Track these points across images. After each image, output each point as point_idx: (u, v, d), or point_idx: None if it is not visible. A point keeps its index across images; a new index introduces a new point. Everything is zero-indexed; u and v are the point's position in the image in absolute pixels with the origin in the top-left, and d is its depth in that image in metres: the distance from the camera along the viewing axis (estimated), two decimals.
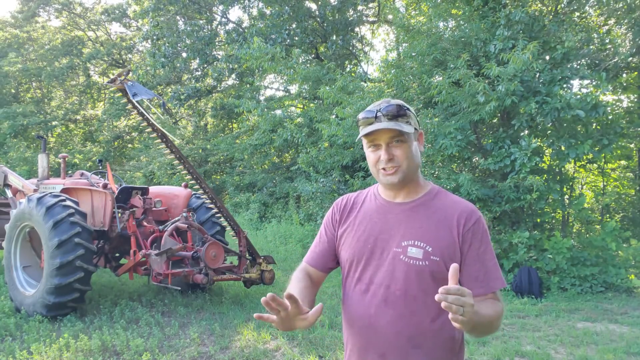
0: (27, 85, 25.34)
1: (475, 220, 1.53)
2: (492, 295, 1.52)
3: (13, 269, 5.91)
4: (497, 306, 1.50)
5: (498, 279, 1.53)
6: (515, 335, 5.16)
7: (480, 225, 1.53)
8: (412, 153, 1.53)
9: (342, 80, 9.56)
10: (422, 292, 1.49)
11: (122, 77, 5.53)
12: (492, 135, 8.14)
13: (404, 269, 1.50)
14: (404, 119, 1.52)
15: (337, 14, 15.07)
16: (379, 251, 1.56)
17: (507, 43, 7.34)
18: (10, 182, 7.60)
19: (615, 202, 10.01)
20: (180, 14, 16.64)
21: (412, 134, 1.54)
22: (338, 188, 10.46)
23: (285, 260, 9.20)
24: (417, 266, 1.49)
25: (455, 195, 1.64)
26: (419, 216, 1.55)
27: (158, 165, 16.94)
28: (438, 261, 1.48)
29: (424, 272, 1.48)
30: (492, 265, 1.53)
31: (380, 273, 1.54)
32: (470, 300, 1.22)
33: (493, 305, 1.48)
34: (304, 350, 4.57)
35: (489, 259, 1.53)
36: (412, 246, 1.50)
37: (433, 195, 1.60)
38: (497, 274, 1.53)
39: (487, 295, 1.51)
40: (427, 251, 1.49)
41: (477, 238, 1.52)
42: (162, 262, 5.37)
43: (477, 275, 1.51)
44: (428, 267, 1.48)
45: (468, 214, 1.54)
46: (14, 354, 4.34)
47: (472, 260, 1.51)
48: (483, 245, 1.53)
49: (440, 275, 1.48)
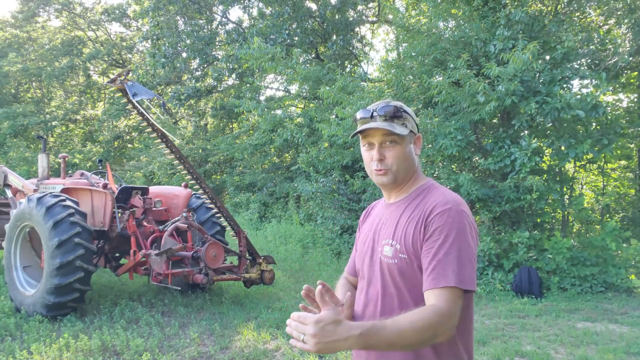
0: (27, 85, 25.35)
1: (442, 211, 1.42)
2: (437, 294, 1.35)
3: (13, 269, 5.91)
4: (425, 311, 1.32)
5: (447, 276, 1.35)
6: (515, 335, 5.16)
7: (444, 217, 1.41)
8: (403, 155, 1.53)
9: (342, 80, 9.56)
10: (397, 290, 1.50)
11: (122, 77, 5.53)
12: (492, 135, 8.14)
13: (381, 267, 1.54)
14: (400, 120, 1.53)
15: (337, 14, 15.07)
16: (371, 251, 1.62)
17: (507, 43, 7.33)
18: (10, 182, 7.61)
19: (615, 202, 10.01)
20: (180, 14, 16.63)
21: (407, 137, 1.54)
22: (338, 188, 10.46)
23: (285, 260, 9.20)
24: (389, 264, 1.51)
25: (446, 191, 1.54)
26: (400, 214, 1.55)
27: (158, 165, 16.94)
28: (405, 259, 1.47)
29: (393, 270, 1.49)
30: (446, 260, 1.37)
31: (370, 272, 1.60)
32: (311, 329, 1.22)
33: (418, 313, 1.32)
34: (304, 350, 4.57)
35: (447, 253, 1.37)
36: (386, 245, 1.53)
37: (419, 192, 1.57)
38: (448, 271, 1.35)
39: (432, 292, 1.36)
40: (396, 249, 1.49)
41: (437, 228, 1.41)
42: (162, 262, 5.37)
43: (427, 268, 1.40)
44: (396, 265, 1.48)
45: (438, 204, 1.45)
46: (14, 354, 4.34)
47: (426, 252, 1.41)
48: (442, 237, 1.39)
49: (409, 274, 1.47)
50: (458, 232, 1.40)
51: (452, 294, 1.35)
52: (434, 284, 1.37)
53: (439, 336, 1.33)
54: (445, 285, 1.35)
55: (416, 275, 1.46)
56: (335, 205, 10.30)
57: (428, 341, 1.33)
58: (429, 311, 1.33)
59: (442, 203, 1.46)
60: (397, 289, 1.50)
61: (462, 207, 1.46)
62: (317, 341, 1.23)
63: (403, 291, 1.49)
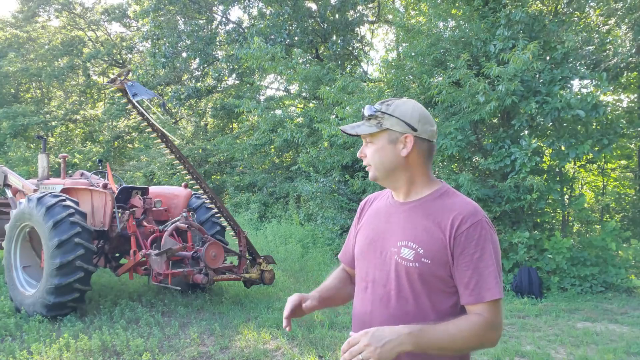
0: (27, 85, 25.34)
1: (472, 224, 1.45)
2: (481, 307, 1.43)
3: (13, 269, 5.90)
4: (473, 321, 1.41)
5: (490, 289, 1.42)
6: (515, 335, 5.16)
7: (478, 229, 1.44)
8: (378, 154, 1.56)
9: (342, 80, 9.56)
10: (413, 293, 1.49)
11: (122, 77, 5.52)
12: (492, 135, 8.14)
13: (397, 269, 1.51)
14: (375, 120, 1.56)
15: (337, 14, 15.07)
16: (380, 250, 1.58)
17: (507, 43, 7.33)
18: (10, 182, 7.60)
19: (615, 202, 10.02)
20: (180, 14, 16.63)
21: (382, 135, 1.55)
22: (338, 188, 10.47)
23: (285, 260, 9.20)
24: (407, 267, 1.48)
25: (462, 196, 1.56)
26: (417, 217, 1.54)
27: (158, 165, 16.94)
28: (429, 264, 1.46)
29: (413, 273, 1.48)
30: (487, 274, 1.43)
31: (379, 271, 1.57)
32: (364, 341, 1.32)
33: (464, 320, 1.41)
34: (304, 350, 4.57)
35: (485, 267, 1.43)
36: (405, 247, 1.50)
37: (437, 196, 1.56)
38: (491, 284, 1.42)
39: (476, 306, 1.43)
40: (419, 253, 1.47)
41: (471, 242, 1.43)
42: (162, 262, 5.37)
43: (468, 283, 1.44)
44: (417, 269, 1.47)
45: (465, 216, 1.46)
46: (14, 354, 4.34)
47: (464, 266, 1.44)
48: (479, 250, 1.43)
49: (430, 279, 1.47)
50: (492, 243, 1.46)
51: (496, 306, 1.44)
52: (479, 298, 1.43)
53: (484, 345, 1.45)
54: (492, 299, 1.42)
55: (437, 281, 1.47)
56: (335, 205, 10.30)
57: (474, 348, 1.46)
58: (477, 321, 1.41)
59: (471, 213, 1.47)
60: (414, 293, 1.48)
61: (486, 216, 1.51)
62: (373, 349, 1.31)
63: (421, 295, 1.48)
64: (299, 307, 1.63)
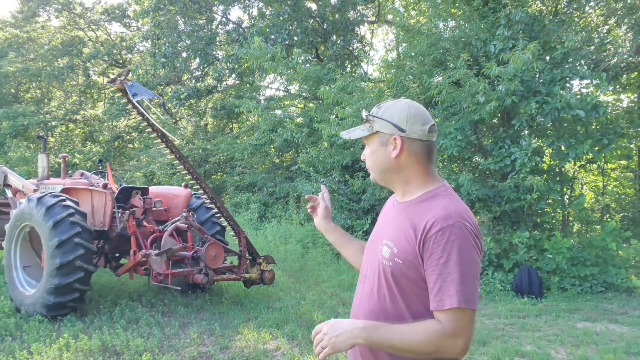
0: (27, 85, 25.34)
1: (441, 228, 1.39)
2: (441, 315, 1.38)
3: (13, 269, 5.90)
4: (427, 327, 1.38)
5: (451, 297, 1.35)
6: (515, 335, 5.16)
7: (446, 234, 1.39)
8: (372, 157, 1.61)
9: (342, 80, 9.55)
10: (389, 292, 1.51)
11: (122, 77, 5.52)
12: (492, 135, 8.14)
13: (377, 266, 1.56)
14: (368, 124, 1.61)
15: (337, 14, 15.08)
16: (373, 247, 1.64)
17: (507, 43, 7.33)
18: (10, 182, 7.60)
19: (615, 202, 10.02)
20: (180, 14, 16.63)
21: (374, 138, 1.59)
22: (338, 188, 10.46)
23: (285, 260, 9.20)
24: (384, 265, 1.52)
25: (450, 199, 1.51)
26: (402, 217, 1.55)
27: (158, 165, 16.95)
28: (400, 264, 1.47)
29: (387, 272, 1.51)
30: (449, 280, 1.37)
31: (370, 268, 1.62)
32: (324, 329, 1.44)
33: (420, 324, 1.40)
34: (304, 350, 4.57)
35: (448, 273, 1.37)
36: (385, 245, 1.54)
37: (426, 198, 1.53)
38: (452, 292, 1.36)
39: (437, 313, 1.40)
40: (393, 252, 1.50)
41: (438, 247, 1.39)
42: (162, 262, 5.37)
43: (432, 288, 1.41)
44: (390, 267, 1.49)
45: (437, 219, 1.41)
46: (14, 354, 4.34)
47: (431, 271, 1.41)
48: (445, 256, 1.38)
49: (401, 279, 1.47)
50: (461, 249, 1.38)
51: (457, 314, 1.37)
52: (440, 305, 1.39)
53: (444, 353, 1.39)
54: (450, 307, 1.36)
55: (409, 283, 1.47)
56: (335, 205, 10.29)
57: (431, 354, 1.39)
58: (431, 327, 1.39)
59: (443, 217, 1.41)
60: (390, 291, 1.50)
61: (466, 220, 1.42)
62: (328, 338, 1.41)
63: (396, 294, 1.49)
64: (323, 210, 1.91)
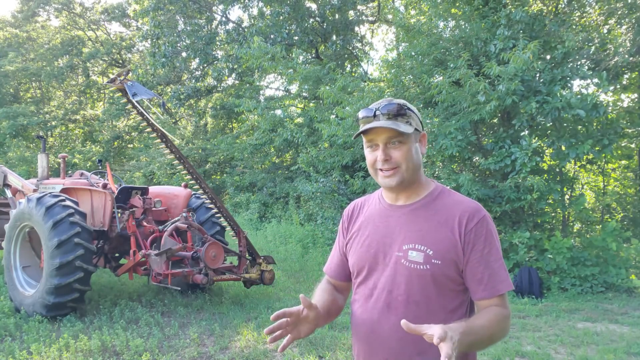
0: (27, 85, 25.34)
1: (479, 220, 1.46)
2: (497, 300, 1.44)
3: (13, 269, 5.90)
4: (497, 314, 1.42)
5: (503, 281, 1.45)
6: (515, 335, 5.16)
7: (484, 225, 1.46)
8: (410, 155, 1.47)
9: (342, 80, 9.55)
10: (424, 297, 1.45)
11: (122, 77, 5.52)
12: (492, 135, 8.13)
13: (406, 273, 1.46)
14: (404, 118, 1.47)
15: (337, 14, 15.07)
16: (382, 256, 1.53)
17: (508, 43, 7.33)
18: (10, 182, 7.59)
19: (615, 202, 10.00)
20: (180, 14, 16.63)
21: (412, 135, 1.48)
22: (338, 188, 10.46)
23: (285, 260, 9.19)
24: (418, 270, 1.44)
25: (459, 194, 1.57)
26: (420, 219, 1.50)
27: (158, 165, 16.94)
28: (439, 265, 1.43)
29: (425, 276, 1.44)
30: (497, 267, 1.45)
31: (383, 278, 1.51)
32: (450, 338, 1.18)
33: (491, 313, 1.41)
34: (304, 350, 4.57)
35: (494, 261, 1.45)
36: (412, 250, 1.46)
37: (435, 196, 1.54)
38: (503, 277, 1.45)
39: (492, 300, 1.44)
40: (428, 254, 1.44)
41: (480, 239, 1.44)
42: (162, 262, 5.36)
43: (481, 278, 1.44)
44: (429, 270, 1.43)
45: (470, 213, 1.46)
46: (13, 354, 4.33)
47: (476, 262, 1.44)
48: (487, 246, 1.45)
49: (441, 279, 1.44)
50: (495, 237, 1.49)
51: (506, 296, 1.49)
52: (495, 291, 1.44)
53: (505, 336, 1.46)
54: (506, 290, 1.45)
55: (448, 281, 1.45)
56: (335, 205, 10.29)
57: (499, 338, 1.45)
58: (500, 314, 1.42)
59: (475, 210, 1.49)
60: (425, 295, 1.45)
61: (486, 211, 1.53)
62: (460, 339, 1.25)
63: (431, 297, 1.45)
64: (297, 315, 1.47)
